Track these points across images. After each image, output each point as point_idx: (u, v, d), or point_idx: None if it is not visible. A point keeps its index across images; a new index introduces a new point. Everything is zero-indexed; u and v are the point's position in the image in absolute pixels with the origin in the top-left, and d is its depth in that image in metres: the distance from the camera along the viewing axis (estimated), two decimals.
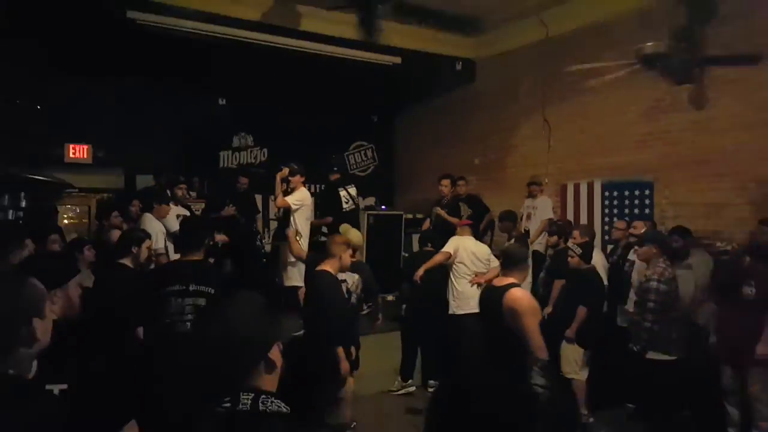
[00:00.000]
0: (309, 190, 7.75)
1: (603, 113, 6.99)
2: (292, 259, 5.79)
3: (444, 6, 7.66)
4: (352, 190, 7.60)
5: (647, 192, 6.50)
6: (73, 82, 7.86)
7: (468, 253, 5.96)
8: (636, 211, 6.58)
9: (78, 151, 8.79)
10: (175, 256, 5.53)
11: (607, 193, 6.97)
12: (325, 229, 7.28)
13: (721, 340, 4.56)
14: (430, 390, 6.18)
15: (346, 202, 7.61)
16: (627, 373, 4.88)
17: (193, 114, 8.98)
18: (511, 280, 3.64)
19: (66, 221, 9.09)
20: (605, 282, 5.35)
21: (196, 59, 7.21)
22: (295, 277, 5.93)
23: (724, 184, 5.83)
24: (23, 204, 7.86)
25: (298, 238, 5.62)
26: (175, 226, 5.98)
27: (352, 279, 4.65)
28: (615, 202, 6.88)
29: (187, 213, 6.84)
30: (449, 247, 5.97)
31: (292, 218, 5.84)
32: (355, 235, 5.15)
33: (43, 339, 1.54)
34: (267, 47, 7.06)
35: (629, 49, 5.48)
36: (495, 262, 5.81)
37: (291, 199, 5.86)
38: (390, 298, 7.63)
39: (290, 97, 8.99)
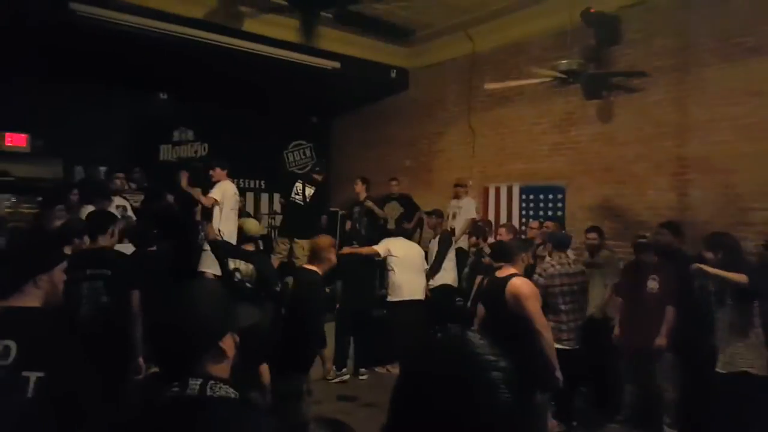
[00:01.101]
0: (242, 185, 7.61)
1: (521, 123, 7.25)
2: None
3: (382, 16, 7.69)
4: (309, 190, 7.50)
5: (560, 196, 6.79)
6: (14, 72, 7.32)
7: (397, 248, 6.16)
8: (550, 213, 6.87)
9: (14, 140, 8.17)
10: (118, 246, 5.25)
11: (524, 196, 7.24)
12: None
13: (625, 331, 4.77)
14: (362, 378, 6.20)
15: (296, 194, 7.52)
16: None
17: (134, 107, 8.63)
18: (512, 270, 3.70)
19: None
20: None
21: (138, 54, 6.87)
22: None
23: (626, 190, 6.17)
24: None
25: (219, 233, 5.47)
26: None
27: (246, 268, 4.29)
28: (531, 204, 7.15)
29: (126, 204, 6.55)
30: (379, 247, 6.19)
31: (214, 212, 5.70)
32: (253, 225, 4.97)
33: None
34: (210, 45, 6.83)
35: (546, 66, 5.71)
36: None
37: (215, 195, 5.73)
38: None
39: (232, 94, 8.76)
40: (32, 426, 1.36)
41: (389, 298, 6.17)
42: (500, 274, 3.77)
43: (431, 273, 6.45)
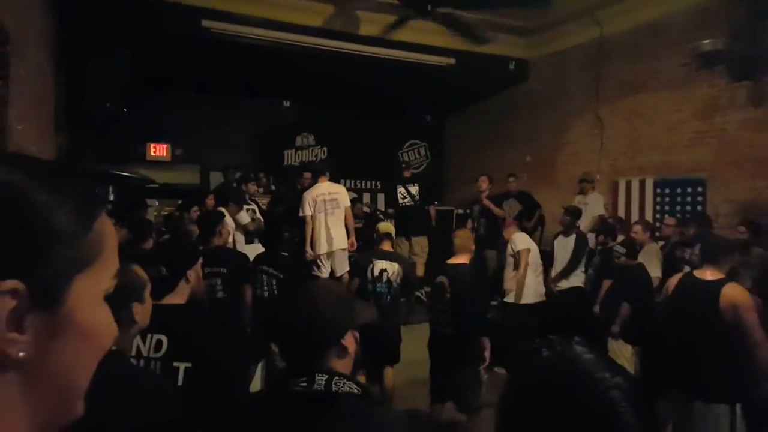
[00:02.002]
0: (359, 186, 7.84)
1: (657, 111, 6.71)
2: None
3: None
4: (413, 189, 7.68)
5: (699, 189, 6.20)
6: (154, 87, 8.21)
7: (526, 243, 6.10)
8: (688, 208, 6.29)
9: (158, 150, 9.19)
10: (244, 247, 5.71)
11: (658, 191, 6.70)
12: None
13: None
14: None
15: (403, 198, 7.68)
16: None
17: (260, 115, 9.31)
18: (720, 274, 3.33)
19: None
20: (659, 273, 5.16)
21: (263, 64, 7.40)
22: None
23: None
24: (111, 198, 8.28)
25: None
26: (245, 219, 6.18)
27: (392, 268, 4.55)
28: (667, 200, 6.59)
29: (255, 207, 7.04)
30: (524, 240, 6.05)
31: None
32: (386, 225, 5.17)
33: (142, 322, 1.65)
34: (328, 51, 7.15)
35: (684, 48, 5.27)
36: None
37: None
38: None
39: (349, 98, 9.11)
40: (183, 412, 1.55)
41: (511, 300, 5.98)
42: (704, 276, 3.38)
43: (565, 274, 6.23)
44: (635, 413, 0.74)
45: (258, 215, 6.89)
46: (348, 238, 6.07)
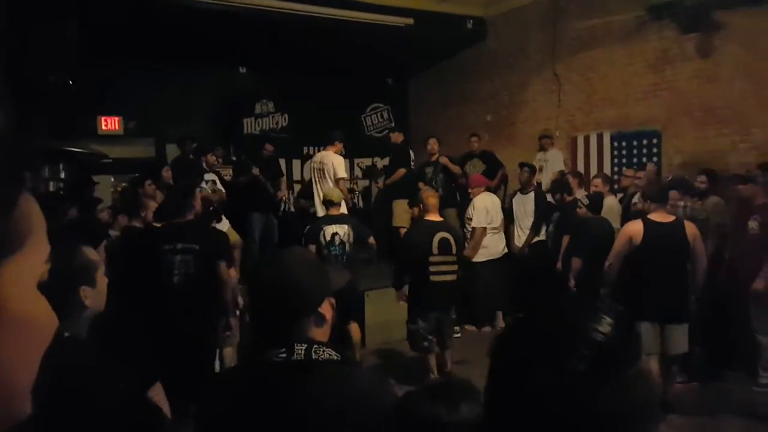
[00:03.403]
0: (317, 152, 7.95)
1: (611, 66, 6.87)
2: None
3: None
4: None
5: (655, 141, 6.44)
6: (103, 58, 7.92)
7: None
8: (644, 160, 6.54)
9: (110, 123, 8.89)
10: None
11: (616, 144, 6.92)
12: None
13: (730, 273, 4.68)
14: (456, 336, 6.34)
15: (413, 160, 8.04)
16: None
17: (216, 83, 9.08)
18: (672, 216, 4.05)
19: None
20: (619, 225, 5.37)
21: (217, 30, 7.20)
22: None
23: (729, 131, 5.75)
24: (62, 176, 8.02)
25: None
26: (206, 191, 6.13)
27: (342, 230, 4.84)
28: (624, 152, 6.83)
29: (216, 179, 6.97)
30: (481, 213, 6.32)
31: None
32: (335, 192, 5.40)
33: (94, 306, 1.58)
34: (284, 14, 7.00)
35: (636, 1, 5.37)
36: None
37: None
38: None
39: (307, 62, 8.96)
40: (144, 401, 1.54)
41: (476, 258, 6.23)
42: (661, 218, 3.97)
43: (534, 231, 6.45)
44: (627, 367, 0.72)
45: (219, 186, 6.82)
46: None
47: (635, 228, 4.03)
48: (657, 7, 5.24)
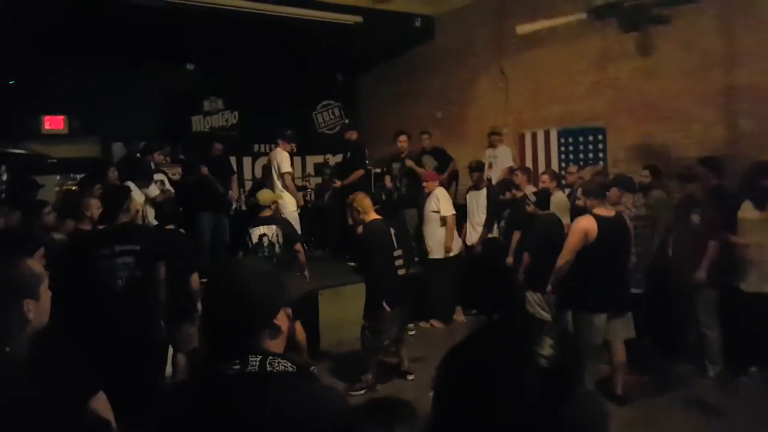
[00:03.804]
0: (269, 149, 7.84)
1: (556, 64, 7.04)
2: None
3: None
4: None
5: (600, 137, 6.64)
6: (45, 55, 7.57)
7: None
8: (590, 155, 6.74)
9: (53, 122, 8.51)
10: (155, 222, 5.50)
11: (562, 140, 7.10)
12: None
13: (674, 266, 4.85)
14: (411, 333, 6.38)
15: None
16: None
17: (163, 80, 8.82)
18: (613, 210, 4.30)
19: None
20: (568, 220, 5.52)
21: (163, 25, 6.99)
22: None
23: (670, 127, 5.99)
24: (4, 178, 7.62)
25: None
26: (153, 192, 5.94)
27: (270, 231, 4.80)
28: (570, 149, 7.02)
29: (164, 179, 6.77)
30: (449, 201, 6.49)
31: None
32: (267, 194, 5.42)
33: (37, 321, 1.52)
34: (230, 11, 6.86)
35: (579, 1, 5.50)
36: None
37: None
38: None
39: (257, 59, 8.83)
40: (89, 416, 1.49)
41: (434, 256, 6.33)
42: (606, 213, 4.19)
43: (487, 228, 6.54)
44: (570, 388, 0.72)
45: (168, 186, 6.64)
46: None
47: (589, 224, 4.12)
48: (599, 7, 5.35)
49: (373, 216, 4.79)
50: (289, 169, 6.64)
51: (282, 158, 6.63)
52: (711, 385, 4.58)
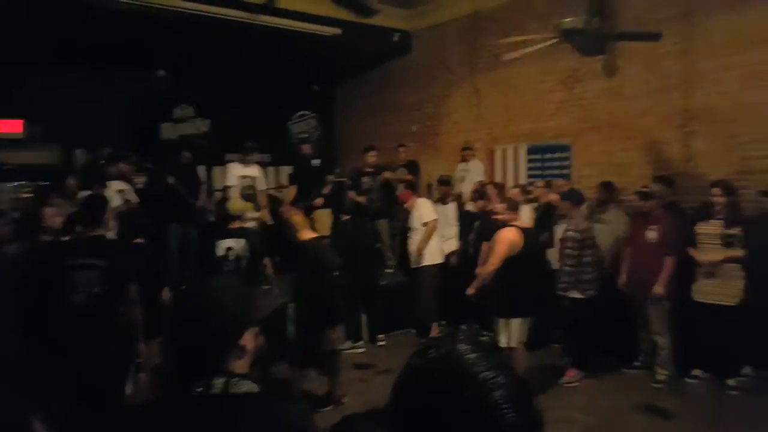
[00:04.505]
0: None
1: (526, 82, 7.51)
2: None
3: None
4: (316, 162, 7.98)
5: (566, 154, 7.07)
6: (6, 57, 7.59)
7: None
8: (557, 171, 7.17)
9: (9, 126, 8.43)
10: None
11: (531, 156, 7.53)
12: None
13: (631, 280, 5.23)
14: (380, 344, 6.56)
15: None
16: (556, 313, 5.54)
17: (132, 87, 8.85)
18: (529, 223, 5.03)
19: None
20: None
21: (133, 30, 7.13)
22: None
23: (632, 145, 6.44)
24: None
25: None
26: (116, 202, 5.91)
27: (238, 244, 4.71)
28: (538, 164, 7.46)
29: (127, 188, 6.71)
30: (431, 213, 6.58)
31: None
32: (237, 204, 5.46)
33: None
34: (207, 18, 7.04)
35: (550, 23, 5.91)
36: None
37: None
38: None
39: (232, 67, 8.97)
40: None
41: (426, 262, 6.46)
42: (524, 225, 4.80)
43: (459, 240, 6.81)
44: (518, 413, 0.77)
45: (131, 196, 6.60)
46: None
47: (515, 235, 4.58)
48: (567, 30, 5.77)
49: (308, 234, 4.80)
50: (233, 182, 7.01)
51: (229, 170, 6.98)
52: (662, 389, 4.97)
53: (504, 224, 5.36)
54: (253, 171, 7.29)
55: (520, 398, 0.79)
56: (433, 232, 6.43)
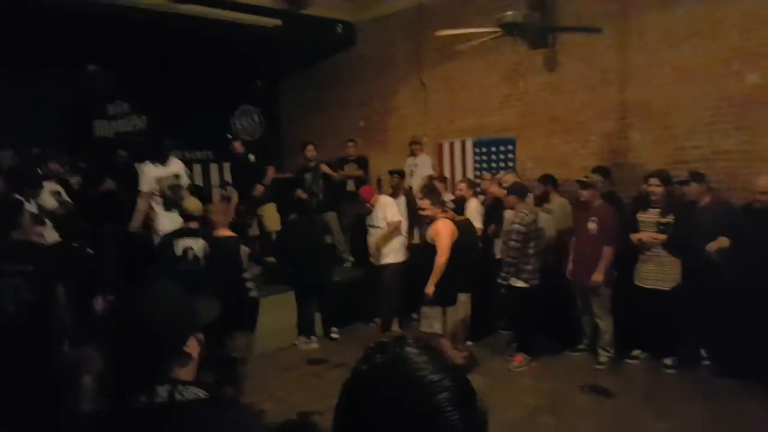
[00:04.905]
0: (189, 157, 7.75)
1: (471, 77, 7.71)
2: None
3: None
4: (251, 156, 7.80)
5: (511, 147, 7.31)
6: None
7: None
8: (502, 164, 7.42)
9: None
10: (53, 234, 5.39)
11: (477, 150, 7.74)
12: None
13: (574, 269, 5.54)
14: (333, 336, 6.64)
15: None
16: (499, 302, 5.89)
17: (61, 83, 8.56)
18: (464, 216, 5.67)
19: None
20: (480, 225, 6.24)
21: (61, 25, 6.89)
22: None
23: (572, 138, 6.73)
24: None
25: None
26: (50, 203, 5.77)
27: (197, 244, 4.67)
28: (484, 158, 7.68)
29: (60, 189, 6.55)
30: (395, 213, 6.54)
31: None
32: (194, 203, 5.30)
33: None
34: (140, 10, 6.88)
35: (492, 17, 6.07)
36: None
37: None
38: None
39: (169, 60, 8.78)
40: None
41: (389, 260, 6.40)
42: (453, 217, 5.13)
43: (410, 234, 6.91)
44: (462, 415, 0.78)
45: (65, 197, 6.43)
46: None
47: (451, 227, 5.16)
48: (509, 24, 5.95)
49: (223, 232, 4.73)
50: (150, 186, 6.31)
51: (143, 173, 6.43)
52: (604, 370, 5.34)
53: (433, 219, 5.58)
54: (175, 168, 6.88)
55: (464, 400, 0.80)
56: (396, 232, 6.47)
